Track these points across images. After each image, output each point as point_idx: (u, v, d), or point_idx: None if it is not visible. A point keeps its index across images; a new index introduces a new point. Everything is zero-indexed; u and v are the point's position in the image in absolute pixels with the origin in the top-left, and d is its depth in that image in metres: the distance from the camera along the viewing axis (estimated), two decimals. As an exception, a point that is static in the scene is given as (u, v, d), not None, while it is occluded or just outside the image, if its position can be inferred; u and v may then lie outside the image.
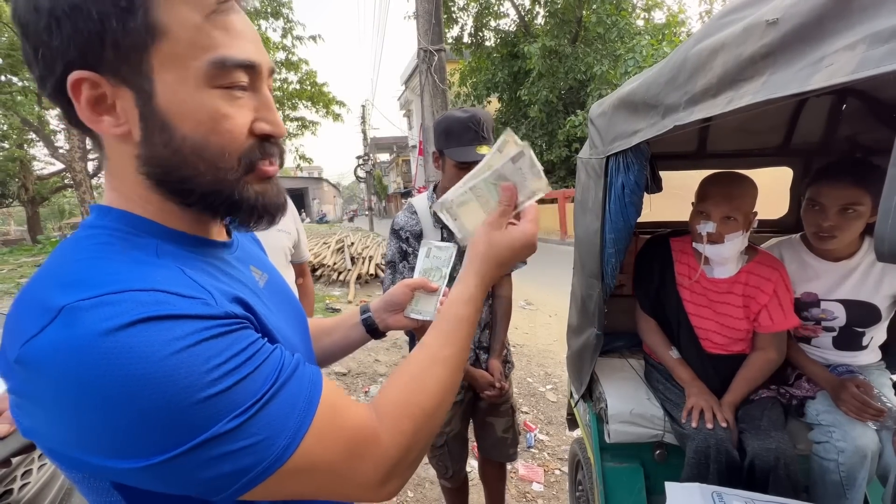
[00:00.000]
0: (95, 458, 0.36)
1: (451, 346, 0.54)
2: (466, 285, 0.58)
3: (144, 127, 0.43)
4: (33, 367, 0.35)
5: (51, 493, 1.08)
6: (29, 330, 0.36)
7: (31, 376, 0.36)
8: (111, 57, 0.40)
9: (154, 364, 0.35)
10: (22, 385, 0.37)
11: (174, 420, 0.36)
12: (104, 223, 0.45)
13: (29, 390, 0.36)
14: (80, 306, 0.35)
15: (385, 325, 0.81)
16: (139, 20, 0.40)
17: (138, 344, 0.35)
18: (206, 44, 0.42)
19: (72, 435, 0.36)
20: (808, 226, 1.31)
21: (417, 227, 1.42)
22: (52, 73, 0.41)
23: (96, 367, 0.34)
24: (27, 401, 0.37)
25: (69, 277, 0.38)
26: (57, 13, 0.39)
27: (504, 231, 0.60)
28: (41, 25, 0.39)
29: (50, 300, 0.36)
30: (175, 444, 0.36)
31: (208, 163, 0.45)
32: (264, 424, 0.39)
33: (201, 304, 0.40)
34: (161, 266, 0.42)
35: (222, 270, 0.50)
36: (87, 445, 0.36)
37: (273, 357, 0.43)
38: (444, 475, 1.65)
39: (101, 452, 0.36)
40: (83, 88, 0.41)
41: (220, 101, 0.44)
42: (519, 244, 0.60)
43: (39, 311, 0.36)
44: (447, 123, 1.37)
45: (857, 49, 0.44)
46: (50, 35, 0.39)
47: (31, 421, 0.38)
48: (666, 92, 0.88)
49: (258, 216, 0.49)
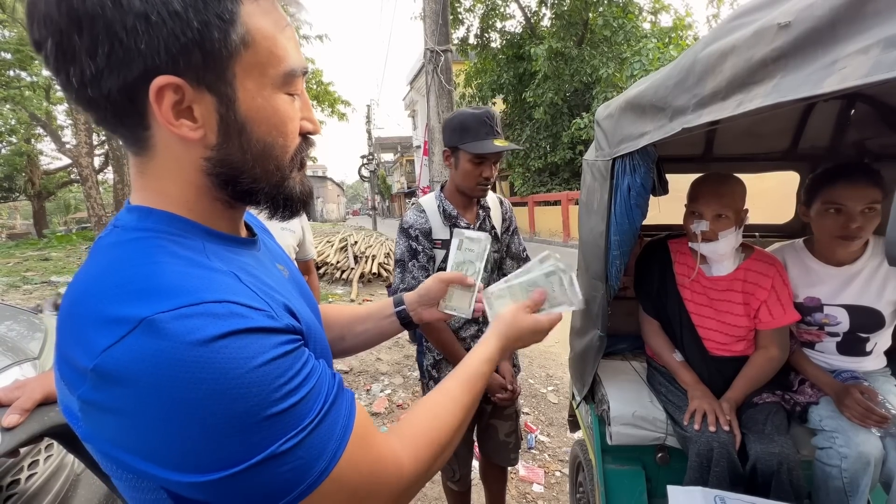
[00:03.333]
0: (157, 469, 0.36)
1: (468, 395, 0.60)
2: (488, 347, 0.67)
3: (224, 131, 0.45)
4: (113, 375, 0.35)
5: (57, 484, 1.09)
6: (103, 340, 0.36)
7: (108, 384, 0.36)
8: (199, 64, 0.41)
9: (234, 380, 0.36)
10: (95, 393, 0.36)
11: (241, 436, 0.36)
12: (148, 225, 0.45)
13: (103, 398, 0.36)
14: (161, 318, 0.36)
15: (419, 318, 0.83)
16: (238, 31, 0.42)
17: (221, 359, 0.36)
18: (281, 54, 0.46)
19: (141, 444, 0.36)
20: (826, 229, 1.29)
21: (427, 225, 1.43)
22: (117, 74, 0.39)
23: (181, 379, 0.35)
24: (96, 409, 0.37)
25: (136, 286, 0.38)
26: (150, 16, 0.38)
27: (528, 315, 0.72)
28: (125, 25, 0.37)
29: (121, 310, 0.37)
30: (236, 461, 0.36)
31: (277, 162, 0.49)
32: (310, 447, 0.40)
33: (267, 316, 0.41)
34: (217, 271, 0.43)
35: (261, 271, 0.51)
36: (153, 455, 0.36)
37: (322, 378, 0.44)
38: (451, 478, 1.65)
39: (165, 463, 0.36)
40: (167, 93, 0.40)
41: (287, 105, 0.48)
42: (536, 327, 0.72)
43: (110, 321, 0.36)
44: (461, 119, 1.37)
45: (870, 53, 0.44)
46: (134, 36, 0.38)
47: (95, 427, 0.38)
48: (674, 94, 0.88)
49: (303, 204, 0.54)
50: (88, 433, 0.39)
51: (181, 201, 0.47)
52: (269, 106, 0.46)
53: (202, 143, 0.44)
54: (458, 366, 0.64)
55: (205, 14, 0.39)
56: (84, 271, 0.42)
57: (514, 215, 1.64)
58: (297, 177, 0.52)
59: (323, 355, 0.51)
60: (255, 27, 0.43)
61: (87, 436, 0.39)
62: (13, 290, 6.18)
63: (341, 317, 0.83)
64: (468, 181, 1.40)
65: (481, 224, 1.50)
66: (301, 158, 0.52)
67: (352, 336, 0.82)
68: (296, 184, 0.52)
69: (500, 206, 1.60)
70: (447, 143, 1.43)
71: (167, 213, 0.46)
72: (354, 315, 0.83)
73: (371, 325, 0.82)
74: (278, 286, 0.51)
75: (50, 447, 1.11)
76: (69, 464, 1.16)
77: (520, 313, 0.72)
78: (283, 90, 0.47)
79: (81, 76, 0.39)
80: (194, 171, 0.46)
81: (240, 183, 0.48)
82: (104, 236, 0.46)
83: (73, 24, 0.37)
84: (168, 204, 0.46)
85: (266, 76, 0.45)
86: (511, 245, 1.60)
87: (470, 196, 1.45)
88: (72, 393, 0.39)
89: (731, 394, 1.30)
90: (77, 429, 0.40)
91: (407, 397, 3.27)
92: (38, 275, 7.32)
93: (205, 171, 0.46)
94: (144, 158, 0.46)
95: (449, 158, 1.44)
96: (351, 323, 0.82)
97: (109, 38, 0.38)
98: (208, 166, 0.46)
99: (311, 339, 0.50)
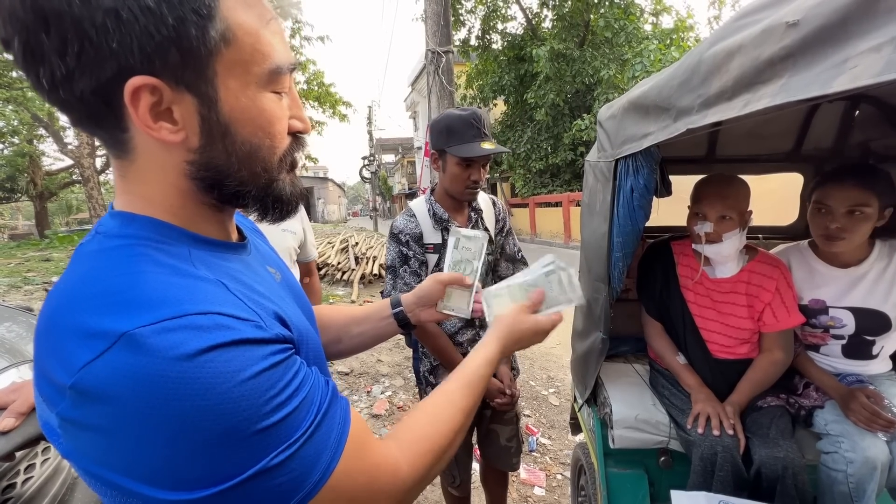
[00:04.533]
0: (143, 487, 0.35)
1: (469, 398, 0.59)
2: (489, 349, 0.66)
3: (206, 133, 0.43)
4: (93, 393, 0.34)
5: (53, 488, 1.08)
6: (82, 355, 0.34)
7: (88, 402, 0.34)
8: (177, 63, 0.39)
9: (220, 395, 0.35)
10: (74, 410, 0.35)
11: (230, 452, 0.35)
12: (131, 231, 0.43)
13: (83, 416, 0.35)
14: (142, 333, 0.34)
15: (417, 320, 0.82)
16: (217, 27, 0.39)
17: (206, 375, 0.35)
18: (266, 50, 0.43)
19: (123, 461, 0.35)
20: (815, 229, 1.32)
21: (417, 229, 1.40)
22: (89, 75, 0.37)
23: (164, 396, 0.33)
24: (77, 426, 0.36)
25: (117, 297, 0.37)
26: (121, 13, 0.35)
27: (528, 316, 0.72)
28: (94, 22, 0.35)
29: (101, 323, 0.35)
30: (226, 477, 0.35)
31: (264, 164, 0.47)
32: (304, 459, 0.39)
33: (255, 326, 0.40)
34: (203, 279, 0.42)
35: (250, 277, 0.50)
36: (138, 473, 0.35)
37: (314, 387, 0.43)
38: (451, 484, 1.63)
39: (150, 482, 0.35)
40: (143, 95, 0.38)
41: (273, 104, 0.45)
42: (537, 328, 0.72)
43: (90, 335, 0.35)
44: (448, 122, 1.34)
45: (882, 51, 0.43)
46: (105, 35, 0.35)
47: (76, 445, 0.36)
48: (679, 95, 0.87)
49: (295, 206, 0.52)
50: (69, 450, 0.37)
51: (165, 206, 0.45)
52: (255, 106, 0.44)
53: (184, 145, 0.42)
54: (457, 368, 0.63)
55: (180, 9, 0.37)
56: (64, 280, 0.41)
57: (507, 216, 1.61)
58: (286, 178, 0.50)
59: (316, 361, 0.50)
60: (237, 22, 0.41)
61: (68, 453, 0.38)
62: (14, 290, 6.17)
63: (338, 318, 0.81)
64: (456, 185, 1.37)
65: (473, 226, 1.48)
66: (292, 159, 0.50)
67: (348, 338, 0.80)
68: (286, 185, 0.50)
69: (493, 207, 1.57)
70: (434, 146, 1.40)
71: (151, 218, 0.44)
72: (351, 316, 0.82)
73: (368, 327, 0.81)
74: (269, 292, 0.49)
75: (47, 451, 1.10)
76: (66, 468, 1.15)
77: (520, 314, 0.71)
78: (268, 88, 0.44)
79: (52, 77, 0.37)
80: (177, 174, 0.44)
81: (226, 186, 0.46)
82: (86, 243, 0.44)
83: (39, 21, 0.35)
84: (152, 209, 0.44)
85: (250, 74, 0.43)
86: (505, 246, 1.58)
87: (459, 200, 1.43)
88: (50, 409, 0.37)
89: (735, 397, 1.29)
90: (57, 446, 0.39)
91: (408, 399, 3.26)
92: (40, 275, 7.32)
93: (188, 175, 0.44)
94: (125, 162, 0.44)
95: (437, 161, 1.41)
96: (348, 324, 0.81)
97: (79, 36, 0.35)
98: (192, 170, 0.44)
99: (304, 346, 0.49)
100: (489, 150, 1.30)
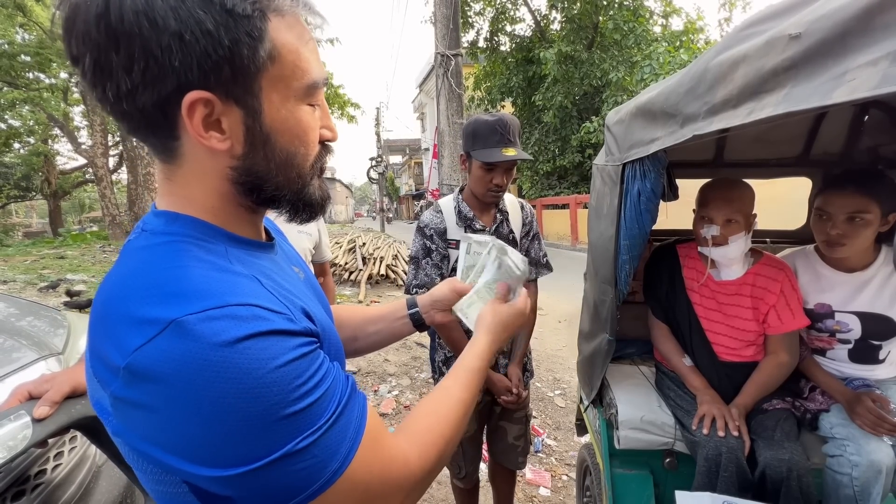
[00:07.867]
0: (182, 463, 0.38)
1: (466, 391, 0.63)
2: (478, 343, 0.70)
3: (250, 142, 0.47)
4: (144, 374, 0.37)
5: (80, 474, 1.13)
6: (134, 339, 0.38)
7: (139, 382, 0.38)
8: (229, 79, 0.43)
9: (256, 379, 0.38)
10: (126, 389, 0.38)
11: (260, 434, 0.38)
12: (175, 229, 0.47)
13: (133, 395, 0.38)
14: (189, 320, 0.38)
15: (432, 321, 0.85)
16: (265, 47, 0.44)
17: (245, 360, 0.38)
18: (304, 66, 0.47)
19: (168, 439, 0.38)
20: (817, 234, 1.33)
21: (442, 224, 1.47)
22: (151, 89, 0.41)
23: (207, 377, 0.37)
24: (127, 404, 0.39)
25: (166, 288, 0.40)
26: (184, 35, 0.39)
27: (503, 304, 0.76)
28: (160, 43, 0.39)
29: (151, 311, 0.39)
30: (256, 457, 0.38)
31: (298, 170, 0.51)
32: (325, 447, 0.41)
33: (287, 319, 0.43)
34: (239, 275, 0.45)
35: (279, 275, 0.53)
36: (180, 450, 0.38)
37: (336, 380, 0.46)
38: (458, 475, 1.66)
39: (190, 458, 0.38)
40: (198, 107, 0.42)
41: (308, 115, 0.50)
42: (515, 310, 0.76)
43: (141, 322, 0.38)
44: (474, 126, 1.40)
45: (879, 65, 0.45)
46: (169, 54, 0.40)
47: (126, 422, 0.40)
48: (685, 101, 0.89)
49: (322, 209, 0.56)
50: (119, 428, 0.41)
51: (206, 207, 0.49)
52: (293, 117, 0.48)
53: (229, 153, 0.46)
54: (454, 364, 0.67)
55: (235, 32, 0.41)
56: (115, 273, 0.44)
57: (535, 220, 1.63)
58: (316, 183, 0.54)
59: (336, 357, 0.53)
60: (281, 42, 0.45)
61: (117, 430, 0.41)
62: (30, 287, 6.30)
63: (354, 317, 0.85)
64: (479, 187, 1.43)
65: (498, 227, 1.51)
66: (320, 165, 0.54)
67: (364, 336, 0.84)
68: (315, 189, 0.54)
69: (521, 210, 1.60)
70: (462, 148, 1.47)
71: (193, 217, 0.48)
72: (367, 316, 0.85)
73: (384, 326, 0.84)
74: (295, 289, 0.53)
75: (74, 439, 1.15)
76: (91, 455, 1.19)
77: (495, 306, 0.75)
78: (305, 101, 0.49)
79: (117, 91, 0.41)
80: (220, 179, 0.48)
81: (264, 190, 0.50)
82: (133, 239, 0.48)
83: (111, 41, 0.39)
84: (193, 209, 0.48)
85: (290, 88, 0.47)
86: (531, 251, 1.59)
87: (482, 202, 1.48)
88: (104, 389, 0.41)
89: (741, 399, 1.30)
90: (108, 424, 0.42)
91: (414, 398, 3.29)
92: (54, 272, 7.46)
93: (230, 180, 0.48)
94: (172, 166, 0.48)
95: (464, 163, 1.47)
96: (363, 324, 0.84)
97: (145, 55, 0.39)
98: (234, 175, 0.48)
99: (326, 341, 0.52)
100: (510, 157, 1.35)
